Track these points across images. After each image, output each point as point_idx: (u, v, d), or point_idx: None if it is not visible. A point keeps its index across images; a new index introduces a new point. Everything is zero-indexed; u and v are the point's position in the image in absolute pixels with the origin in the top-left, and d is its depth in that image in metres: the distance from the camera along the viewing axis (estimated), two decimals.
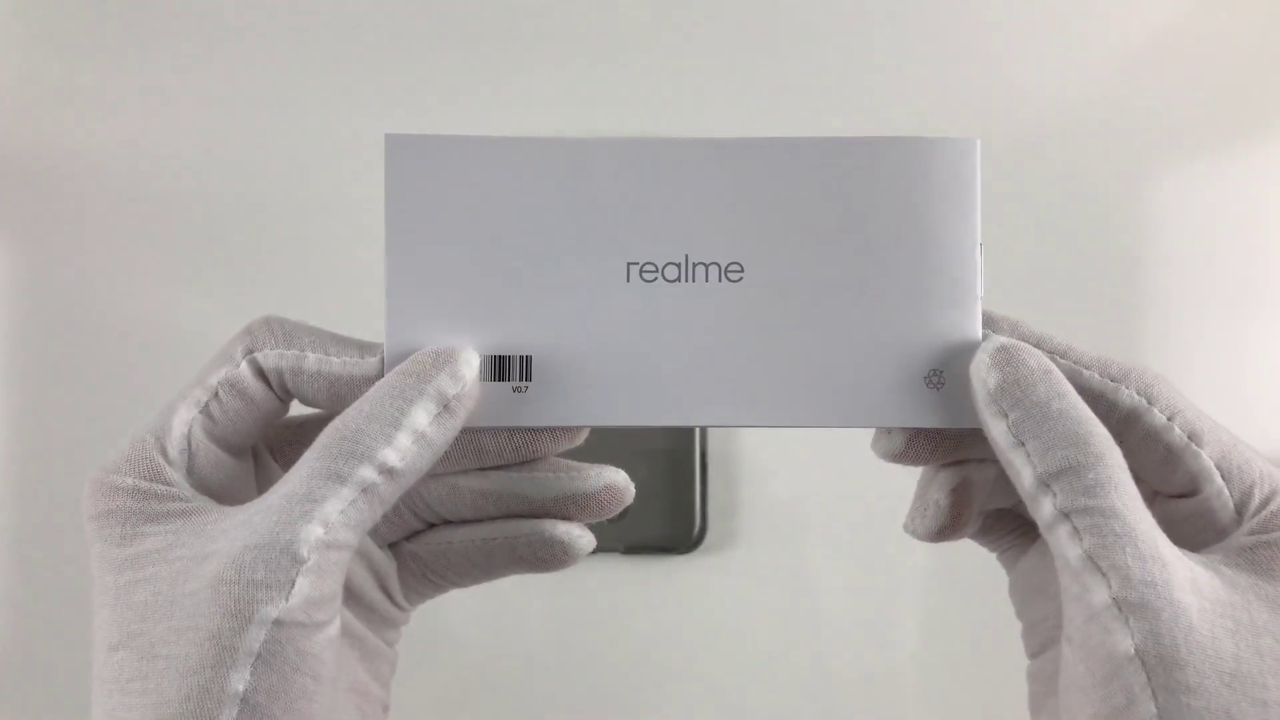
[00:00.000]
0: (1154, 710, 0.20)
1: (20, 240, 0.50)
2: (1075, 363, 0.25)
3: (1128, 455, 0.23)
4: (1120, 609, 0.21)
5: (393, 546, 0.27)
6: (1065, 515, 0.22)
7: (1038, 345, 0.25)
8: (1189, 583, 0.21)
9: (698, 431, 0.48)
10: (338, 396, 0.25)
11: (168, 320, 0.50)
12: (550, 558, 0.26)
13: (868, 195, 0.25)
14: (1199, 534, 0.24)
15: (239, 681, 0.21)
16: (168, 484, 0.24)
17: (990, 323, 0.26)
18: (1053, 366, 0.24)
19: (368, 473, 0.22)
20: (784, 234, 0.24)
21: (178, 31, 0.51)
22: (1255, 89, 0.50)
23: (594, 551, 0.48)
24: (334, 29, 0.51)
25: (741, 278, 0.24)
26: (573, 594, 0.48)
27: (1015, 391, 0.23)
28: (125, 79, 0.51)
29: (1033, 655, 0.26)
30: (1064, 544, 0.22)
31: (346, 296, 0.50)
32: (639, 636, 0.49)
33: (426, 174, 0.24)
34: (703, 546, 0.48)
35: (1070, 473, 0.22)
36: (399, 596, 0.27)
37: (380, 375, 0.24)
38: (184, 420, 0.24)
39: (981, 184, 0.25)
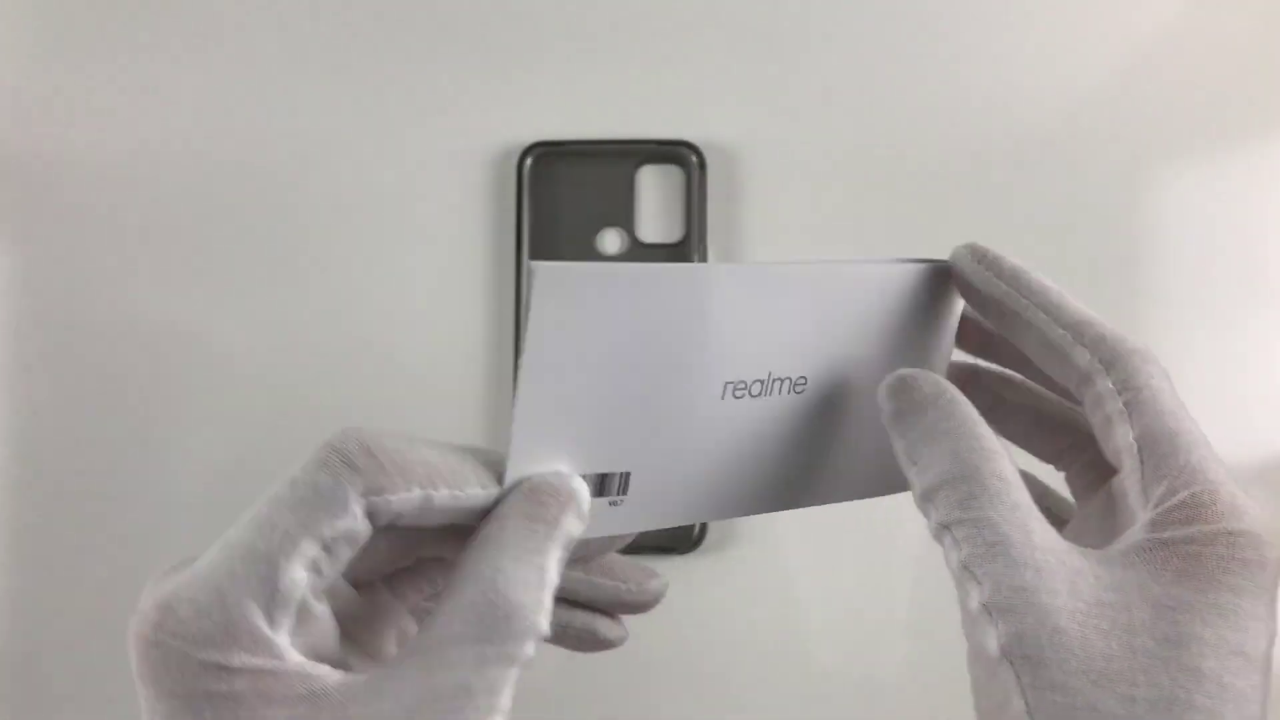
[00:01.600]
0: (1024, 706, 0.21)
1: (20, 240, 0.50)
2: (1055, 318, 0.26)
3: (1085, 418, 0.26)
4: (990, 613, 0.22)
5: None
6: (945, 527, 0.24)
7: (1013, 278, 0.27)
8: (1066, 586, 0.22)
9: None
10: (458, 525, 0.23)
11: (168, 320, 0.50)
12: (590, 647, 0.29)
13: (906, 312, 0.28)
14: (1118, 517, 0.25)
15: None
16: (277, 657, 0.20)
17: (980, 256, 0.28)
18: (947, 389, 0.25)
19: (530, 649, 0.22)
20: (840, 350, 0.27)
21: (177, 32, 0.51)
22: (1255, 89, 0.50)
23: None
24: (334, 29, 0.51)
25: (804, 389, 0.27)
26: None
27: (906, 418, 0.25)
28: (125, 79, 0.51)
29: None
30: (947, 554, 0.24)
31: (346, 296, 0.50)
32: (638, 637, 0.49)
33: (567, 304, 0.23)
34: (703, 546, 0.48)
35: (947, 487, 0.23)
36: None
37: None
38: (294, 581, 0.21)
39: (982, 187, 0.26)
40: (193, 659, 0.20)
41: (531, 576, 0.22)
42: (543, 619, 0.22)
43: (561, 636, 0.28)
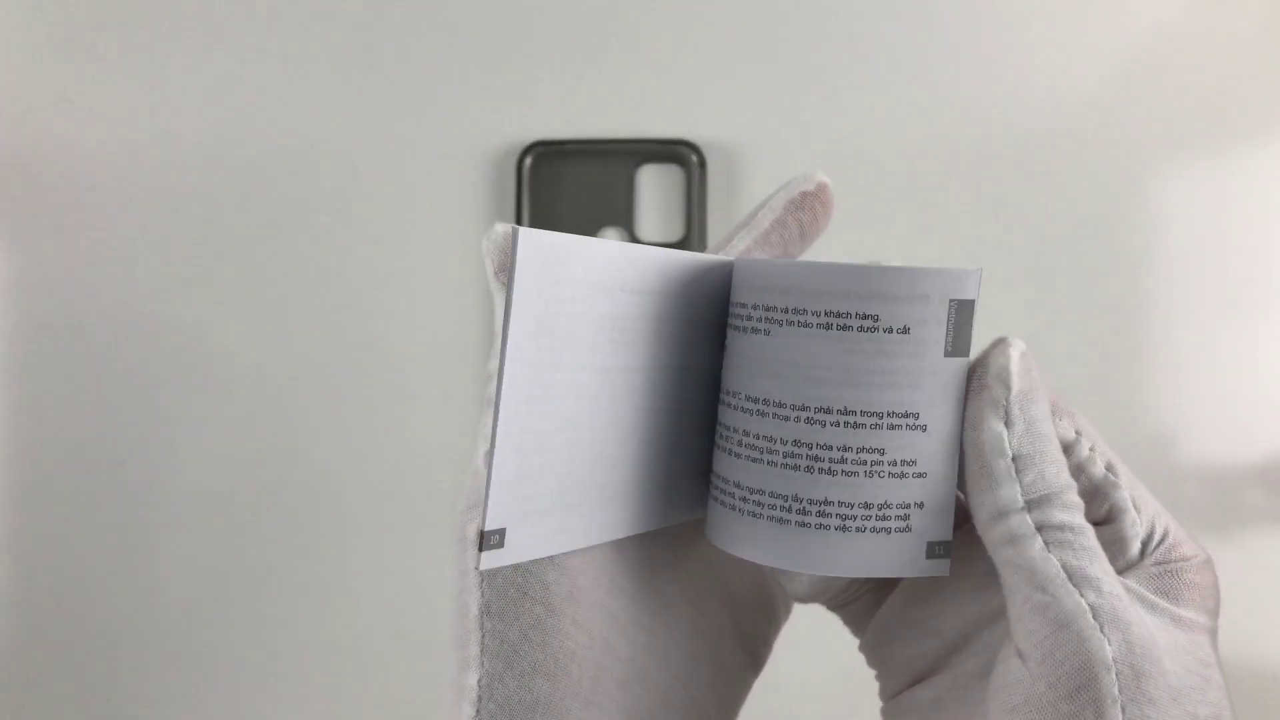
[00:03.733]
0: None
1: (20, 240, 0.50)
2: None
3: None
4: (1096, 617, 0.21)
5: None
6: (1042, 529, 0.22)
7: None
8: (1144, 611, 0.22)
9: None
10: None
11: (168, 320, 0.50)
12: None
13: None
14: (1111, 562, 0.24)
15: (475, 603, 0.22)
16: None
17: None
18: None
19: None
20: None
21: (177, 32, 0.51)
22: (1255, 89, 0.50)
23: None
24: (334, 29, 0.51)
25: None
26: None
27: (1026, 403, 0.23)
28: (125, 78, 0.51)
29: (891, 696, 0.26)
30: (1034, 555, 0.22)
31: (346, 295, 0.50)
32: None
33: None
34: None
35: (1056, 496, 0.22)
36: None
37: None
38: None
39: (982, 187, 0.25)
40: None
41: None
42: None
43: None
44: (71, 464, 0.50)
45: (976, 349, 0.23)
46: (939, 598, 0.25)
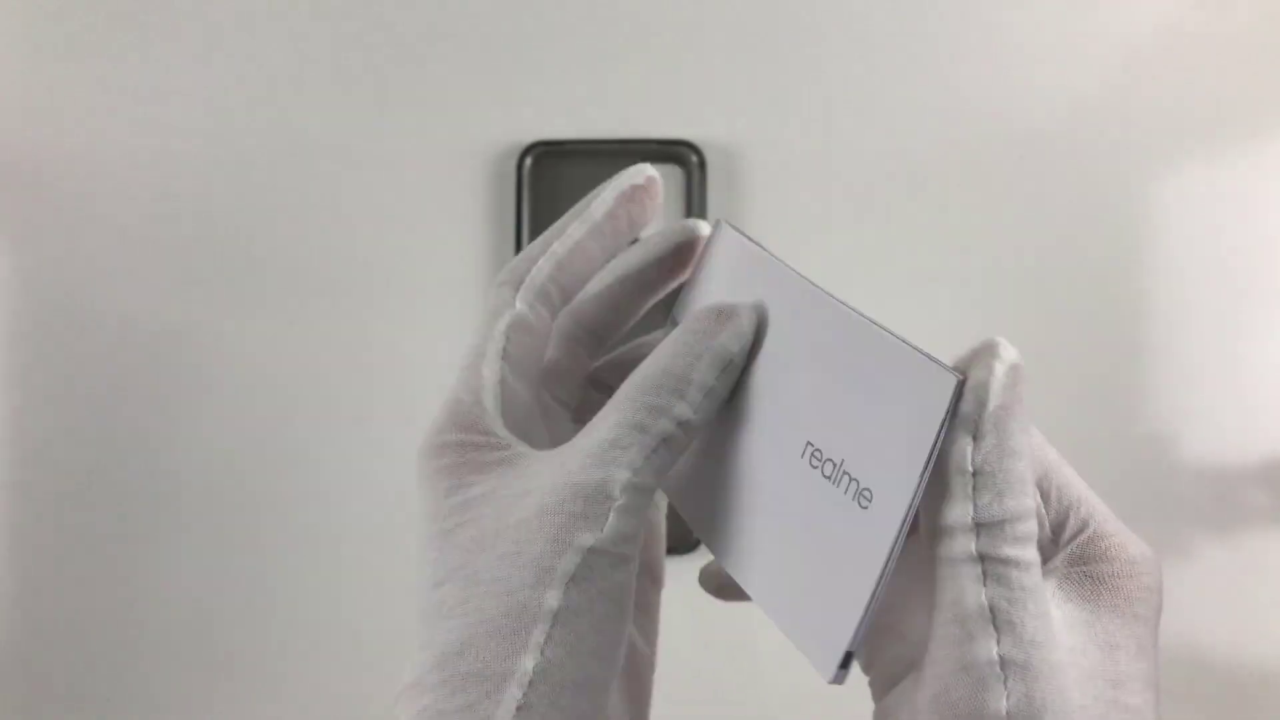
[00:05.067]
0: None
1: (20, 240, 0.50)
2: None
3: None
4: (1002, 667, 0.21)
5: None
6: (980, 560, 0.21)
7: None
8: (1064, 633, 0.22)
9: None
10: (599, 251, 0.28)
11: (168, 320, 0.50)
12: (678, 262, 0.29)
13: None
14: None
15: (554, 600, 0.23)
16: (489, 434, 0.26)
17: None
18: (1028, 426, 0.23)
19: (666, 425, 0.24)
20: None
21: (178, 34, 0.51)
22: (1255, 89, 0.50)
23: None
24: (335, 31, 0.51)
25: (869, 506, 0.23)
26: None
27: (1003, 421, 0.21)
28: (125, 80, 0.51)
29: (878, 699, 0.26)
30: (965, 585, 0.21)
31: (346, 295, 0.50)
32: None
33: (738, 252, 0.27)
34: (703, 546, 0.48)
35: (1009, 524, 0.21)
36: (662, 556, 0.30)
37: (609, 216, 0.28)
38: (494, 369, 0.26)
39: (982, 187, 0.25)
40: (434, 442, 0.26)
41: (678, 369, 0.25)
42: (684, 407, 0.24)
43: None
44: (71, 464, 0.50)
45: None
46: (906, 604, 0.25)
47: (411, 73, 0.50)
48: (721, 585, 0.29)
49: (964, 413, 0.21)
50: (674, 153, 0.49)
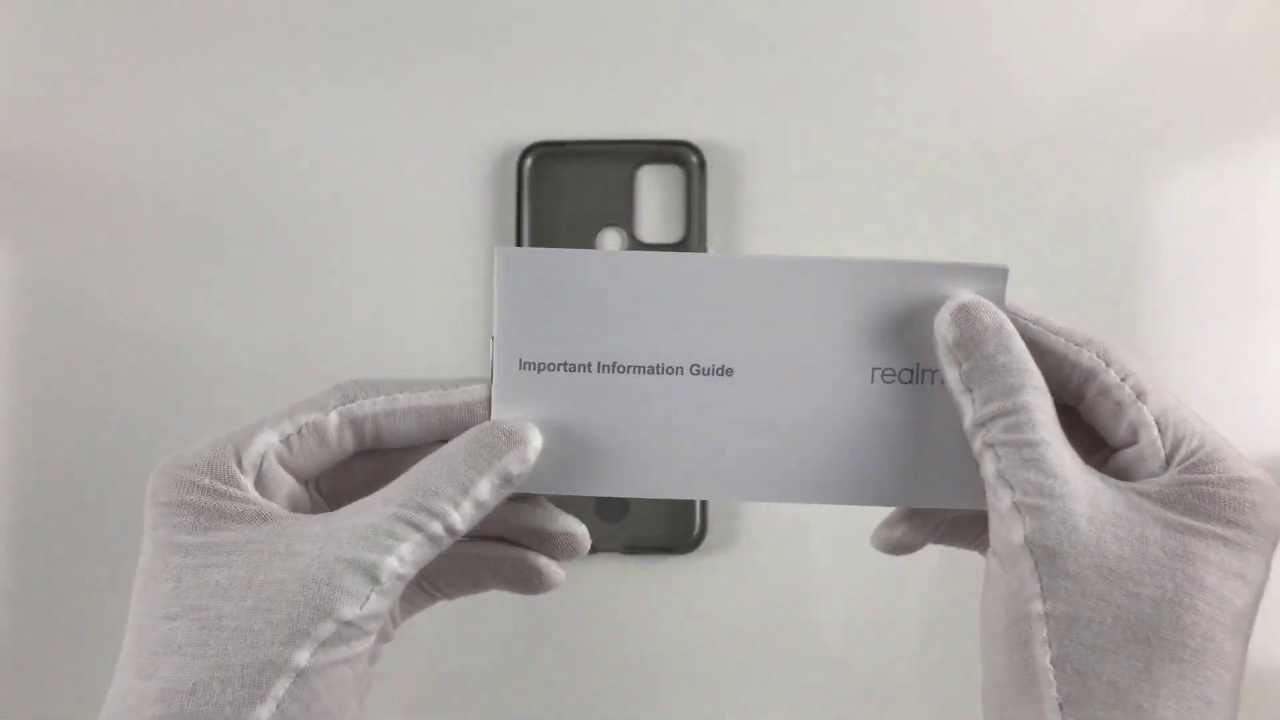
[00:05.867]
0: (1038, 589, 0.25)
1: (20, 240, 0.50)
2: (1046, 328, 0.29)
3: (1087, 408, 0.29)
4: (1019, 510, 0.26)
5: None
6: (990, 446, 0.27)
7: (1013, 315, 0.29)
8: (1088, 499, 0.26)
9: None
10: (428, 428, 0.29)
11: (168, 320, 0.50)
12: (527, 583, 0.31)
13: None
14: (1135, 477, 0.28)
15: (303, 659, 0.25)
16: (242, 490, 0.27)
17: (963, 310, 0.29)
18: (1006, 322, 0.28)
19: (436, 528, 0.27)
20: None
21: (178, 32, 0.51)
22: (1255, 89, 0.50)
23: (594, 551, 0.49)
24: (335, 29, 0.51)
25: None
26: (572, 594, 0.48)
27: (968, 345, 0.28)
28: (125, 79, 0.51)
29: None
30: (986, 466, 0.27)
31: (346, 296, 0.50)
32: (639, 637, 0.49)
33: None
34: (703, 546, 0.48)
35: (1001, 417, 0.27)
36: (396, 610, 0.31)
37: (464, 405, 0.29)
38: (264, 442, 0.28)
39: (982, 187, 0.27)
40: (183, 477, 0.27)
41: (456, 479, 0.27)
42: (455, 516, 0.27)
43: (497, 572, 0.31)
44: (72, 464, 0.50)
45: None
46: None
47: (411, 73, 0.50)
48: (898, 541, 0.33)
49: (941, 353, 0.28)
50: (674, 153, 0.49)
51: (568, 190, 0.50)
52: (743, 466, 0.29)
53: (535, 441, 0.28)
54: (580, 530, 0.30)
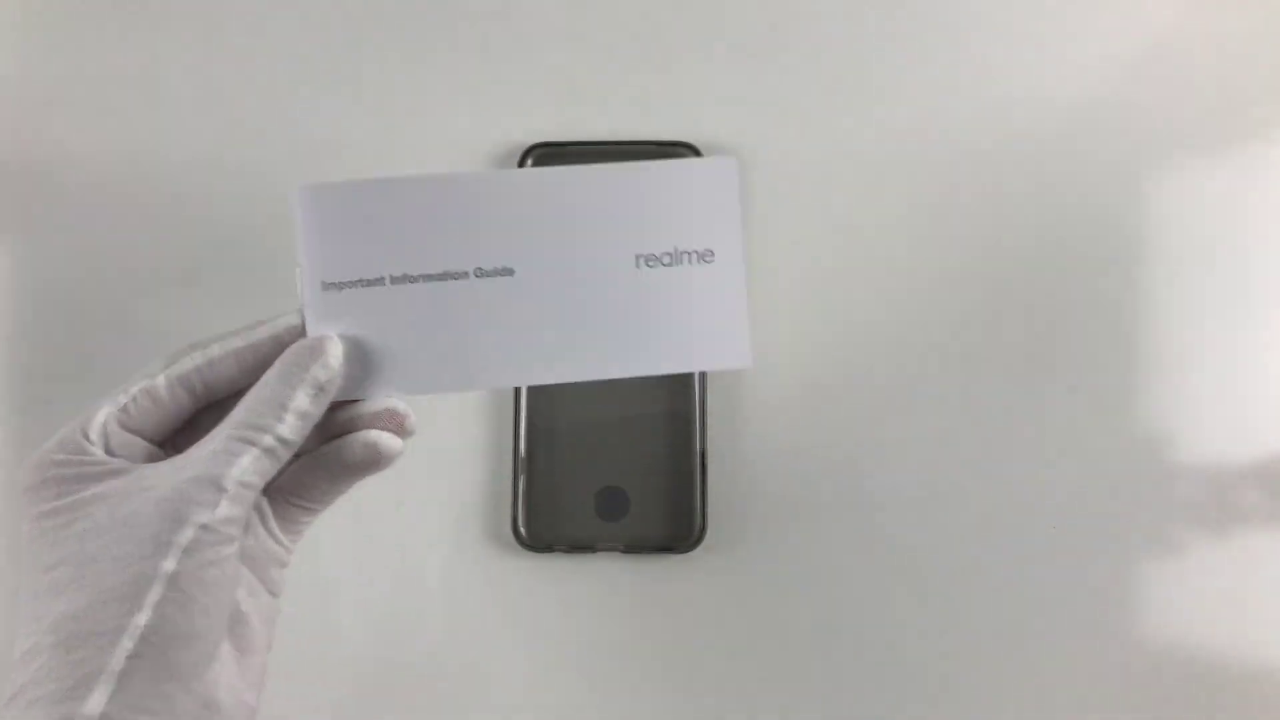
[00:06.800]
0: None
1: (20, 240, 0.50)
2: None
3: None
4: None
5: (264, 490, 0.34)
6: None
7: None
8: None
9: (697, 431, 0.48)
10: (246, 367, 0.32)
11: (168, 320, 0.50)
12: (369, 460, 0.33)
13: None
14: None
15: (170, 565, 0.28)
16: (92, 456, 0.31)
17: None
18: None
19: (268, 440, 0.30)
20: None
21: (178, 31, 0.51)
22: (1255, 89, 0.50)
23: (594, 551, 0.49)
24: (334, 29, 0.51)
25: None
26: (572, 594, 0.48)
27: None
28: (125, 77, 0.51)
29: None
30: None
31: None
32: (638, 636, 0.49)
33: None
34: (703, 546, 0.48)
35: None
36: (279, 533, 0.34)
37: (271, 338, 0.33)
38: (104, 414, 0.32)
39: (982, 187, 0.26)
40: (41, 460, 0.31)
41: (275, 397, 0.30)
42: (282, 428, 0.30)
43: (340, 461, 0.33)
44: None
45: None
46: None
47: (411, 73, 0.51)
48: None
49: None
50: (674, 153, 0.49)
51: None
52: (531, 354, 0.33)
53: (335, 349, 0.32)
54: (400, 405, 0.33)
